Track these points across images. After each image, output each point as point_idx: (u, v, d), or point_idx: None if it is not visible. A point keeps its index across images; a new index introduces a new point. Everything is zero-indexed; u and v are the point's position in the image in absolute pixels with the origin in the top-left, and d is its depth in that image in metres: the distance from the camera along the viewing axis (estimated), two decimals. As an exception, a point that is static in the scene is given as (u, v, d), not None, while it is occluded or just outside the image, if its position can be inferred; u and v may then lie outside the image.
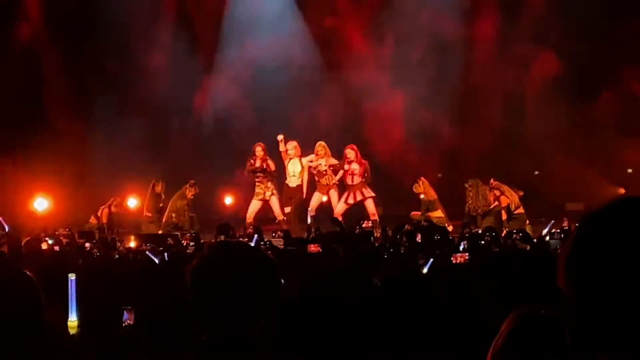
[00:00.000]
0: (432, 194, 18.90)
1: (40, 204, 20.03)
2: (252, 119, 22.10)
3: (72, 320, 5.52)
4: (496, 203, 18.28)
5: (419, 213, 18.49)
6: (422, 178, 19.02)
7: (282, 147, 18.45)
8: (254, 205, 18.60)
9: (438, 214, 18.57)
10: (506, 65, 21.99)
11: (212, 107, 23.05)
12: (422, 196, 18.79)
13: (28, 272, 3.62)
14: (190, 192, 19.18)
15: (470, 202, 18.65)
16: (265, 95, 22.06)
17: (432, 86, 21.41)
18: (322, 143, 18.54)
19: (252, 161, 18.50)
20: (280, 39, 22.26)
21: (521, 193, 18.53)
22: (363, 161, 18.46)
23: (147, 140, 21.86)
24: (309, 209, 18.32)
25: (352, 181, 18.41)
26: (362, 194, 18.38)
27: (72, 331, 5.37)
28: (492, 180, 18.36)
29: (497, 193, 18.31)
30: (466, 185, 18.78)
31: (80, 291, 6.00)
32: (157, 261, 11.15)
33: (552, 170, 21.48)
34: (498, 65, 22.24)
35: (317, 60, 23.09)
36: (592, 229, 1.87)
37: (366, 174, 18.43)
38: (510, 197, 18.19)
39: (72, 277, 5.59)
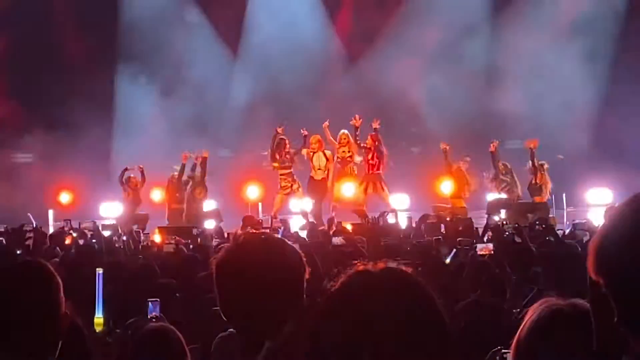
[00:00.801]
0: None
1: (65, 197, 20.18)
2: (276, 109, 21.98)
3: (98, 316, 5.45)
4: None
5: (445, 206, 18.34)
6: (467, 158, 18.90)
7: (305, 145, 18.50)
8: (280, 200, 18.61)
9: (460, 203, 18.49)
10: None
11: (237, 96, 22.97)
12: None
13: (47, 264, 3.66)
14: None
15: (506, 187, 18.53)
16: (289, 85, 22.00)
17: (457, 71, 21.34)
18: (346, 132, 18.55)
19: (277, 156, 18.51)
20: (303, 28, 22.23)
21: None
22: (383, 150, 18.39)
23: (177, 130, 21.74)
24: (332, 201, 18.35)
25: (370, 171, 18.41)
26: (381, 186, 18.37)
27: (98, 328, 5.34)
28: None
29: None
30: (500, 166, 18.59)
31: (104, 285, 6.00)
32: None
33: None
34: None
35: (340, 49, 23.06)
36: (622, 218, 1.86)
37: (383, 161, 18.36)
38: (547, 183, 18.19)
39: (99, 271, 5.52)
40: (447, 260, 9.27)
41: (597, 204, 19.16)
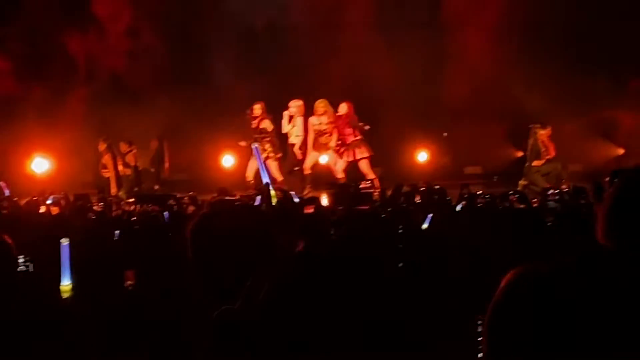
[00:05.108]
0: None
1: (39, 165, 19.81)
2: (254, 80, 21.82)
3: (65, 284, 5.51)
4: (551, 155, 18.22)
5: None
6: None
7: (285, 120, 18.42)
8: (253, 165, 18.44)
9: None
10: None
11: (211, 67, 22.81)
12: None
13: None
14: (101, 147, 19.41)
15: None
16: (265, 57, 21.95)
17: (431, 47, 21.25)
18: (324, 100, 18.36)
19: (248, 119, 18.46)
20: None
21: None
22: (352, 118, 18.28)
23: (145, 98, 21.49)
24: (304, 167, 18.25)
25: (346, 139, 18.33)
26: (358, 152, 18.24)
27: (65, 295, 5.39)
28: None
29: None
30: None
31: (78, 254, 5.99)
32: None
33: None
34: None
35: (316, 21, 22.90)
36: (636, 183, 2.03)
37: (356, 128, 18.28)
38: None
39: (64, 242, 5.58)
40: (425, 226, 9.36)
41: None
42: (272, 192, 10.60)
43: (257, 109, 18.42)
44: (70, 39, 22.10)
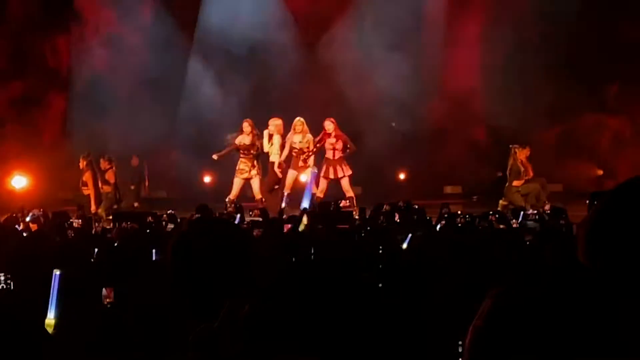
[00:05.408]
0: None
1: (18, 181, 19.78)
2: (234, 99, 21.90)
3: (50, 318, 5.27)
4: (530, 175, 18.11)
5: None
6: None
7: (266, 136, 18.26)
8: (237, 184, 18.27)
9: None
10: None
11: (189, 86, 22.92)
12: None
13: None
14: (82, 164, 19.26)
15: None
16: (245, 76, 22.00)
17: (411, 66, 21.35)
18: (301, 119, 18.21)
19: (234, 134, 18.30)
20: (259, 19, 22.25)
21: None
22: (341, 134, 18.20)
23: (125, 115, 21.56)
24: (285, 187, 18.12)
25: (334, 156, 18.19)
26: (342, 170, 18.12)
27: (49, 329, 5.24)
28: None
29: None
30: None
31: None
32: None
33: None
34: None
35: (296, 40, 22.98)
36: (615, 205, 2.01)
37: (348, 145, 18.19)
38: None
39: (56, 272, 5.33)
40: (404, 246, 9.33)
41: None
42: (304, 219, 10.56)
43: (247, 126, 18.24)
44: (51, 50, 22.17)
